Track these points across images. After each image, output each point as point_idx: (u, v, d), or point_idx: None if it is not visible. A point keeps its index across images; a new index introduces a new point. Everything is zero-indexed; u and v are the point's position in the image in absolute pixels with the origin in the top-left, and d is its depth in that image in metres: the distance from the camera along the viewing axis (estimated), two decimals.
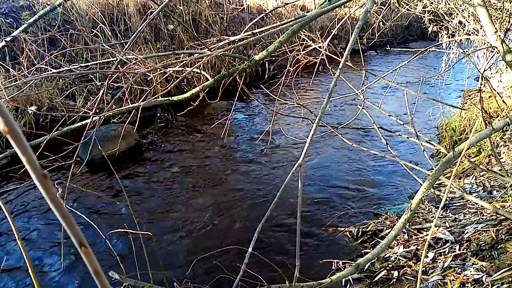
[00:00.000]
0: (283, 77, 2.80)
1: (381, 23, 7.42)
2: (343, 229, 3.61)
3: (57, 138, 1.90)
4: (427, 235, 3.01)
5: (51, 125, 5.80)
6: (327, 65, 2.91)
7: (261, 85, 3.70)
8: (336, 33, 2.83)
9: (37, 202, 4.19)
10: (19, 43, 6.11)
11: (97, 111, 2.21)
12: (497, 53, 2.22)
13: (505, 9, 3.67)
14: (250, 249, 1.42)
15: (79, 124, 1.97)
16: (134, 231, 1.87)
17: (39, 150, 1.60)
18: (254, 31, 2.13)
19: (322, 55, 2.61)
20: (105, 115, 1.74)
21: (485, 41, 4.39)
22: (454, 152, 1.76)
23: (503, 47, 2.10)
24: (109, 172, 4.78)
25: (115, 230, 2.07)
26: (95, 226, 1.80)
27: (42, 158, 1.77)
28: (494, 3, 4.67)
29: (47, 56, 2.39)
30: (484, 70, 2.62)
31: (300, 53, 2.83)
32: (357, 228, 3.56)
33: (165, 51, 7.62)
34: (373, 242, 3.36)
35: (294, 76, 2.88)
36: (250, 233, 1.31)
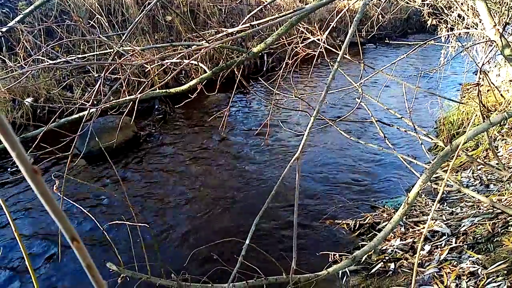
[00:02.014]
0: (282, 70, 2.79)
1: (380, 16, 7.40)
2: (340, 221, 3.62)
3: (55, 129, 1.90)
4: (424, 228, 3.03)
5: (49, 116, 5.78)
6: (326, 58, 2.90)
7: (260, 78, 3.70)
8: (335, 25, 2.82)
9: (32, 195, 4.18)
10: (16, 34, 6.07)
11: (95, 102, 2.20)
12: (496, 47, 2.21)
13: (504, 2, 3.65)
14: (247, 241, 1.43)
15: (76, 116, 1.96)
16: (131, 223, 1.87)
17: (36, 142, 1.59)
18: (252, 23, 2.11)
19: (321, 47, 2.60)
20: (102, 107, 1.73)
21: (484, 35, 4.38)
22: (451, 146, 1.77)
23: (501, 41, 2.09)
24: (107, 164, 4.78)
25: (113, 222, 2.07)
26: (93, 218, 1.80)
27: (40, 149, 1.76)
28: None
29: (43, 47, 2.37)
30: (483, 64, 2.61)
31: (299, 46, 2.82)
32: (354, 220, 3.57)
33: (163, 43, 7.58)
34: (370, 234, 3.37)
35: (292, 69, 2.87)
36: (248, 226, 1.32)
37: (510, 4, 3.58)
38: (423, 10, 6.40)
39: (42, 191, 0.24)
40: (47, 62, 2.38)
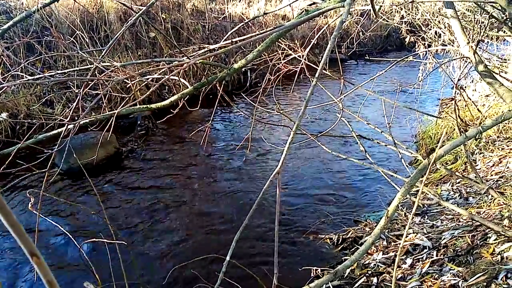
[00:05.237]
0: (263, 85, 2.82)
1: (360, 33, 7.57)
2: (323, 236, 3.62)
3: (34, 146, 1.86)
4: (405, 241, 3.05)
5: (28, 132, 5.67)
6: (307, 74, 2.94)
7: (243, 93, 3.72)
8: (316, 42, 2.88)
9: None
10: None
11: (75, 118, 2.18)
12: (470, 63, 2.29)
13: (477, 21, 3.79)
14: (228, 258, 1.41)
15: (55, 132, 1.93)
16: (109, 241, 1.83)
17: (10, 158, 1.56)
18: (234, 40, 2.14)
19: (302, 64, 2.64)
20: (81, 123, 1.71)
21: (459, 52, 4.52)
22: (429, 160, 1.80)
23: (475, 57, 2.17)
24: (87, 181, 4.69)
25: (90, 240, 2.03)
26: (70, 235, 1.76)
27: (16, 166, 1.73)
28: (469, 15, 4.82)
29: (23, 63, 2.35)
30: (459, 80, 2.69)
31: (281, 62, 2.85)
32: (337, 235, 3.58)
33: (146, 59, 7.58)
34: (353, 248, 3.38)
35: (274, 85, 2.91)
36: (229, 241, 1.31)
37: (483, 22, 3.72)
38: (402, 27, 6.58)
39: (0, 205, 0.24)
40: (26, 77, 2.35)
